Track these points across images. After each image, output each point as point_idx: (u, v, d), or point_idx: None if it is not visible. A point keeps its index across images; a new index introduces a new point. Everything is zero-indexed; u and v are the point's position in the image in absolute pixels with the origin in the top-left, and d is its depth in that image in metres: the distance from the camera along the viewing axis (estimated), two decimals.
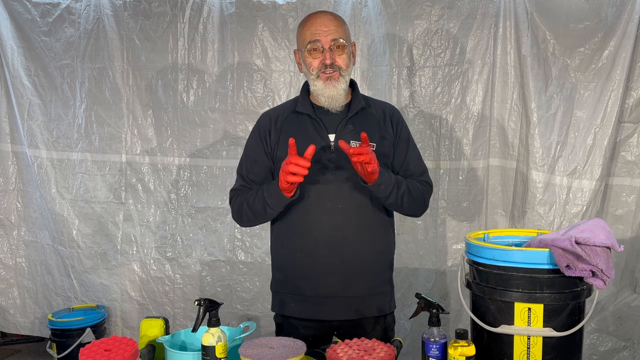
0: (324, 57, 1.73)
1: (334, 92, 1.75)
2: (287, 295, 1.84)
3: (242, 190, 1.86)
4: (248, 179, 1.87)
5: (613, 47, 2.57)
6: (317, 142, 1.76)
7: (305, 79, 1.87)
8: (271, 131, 1.84)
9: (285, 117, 1.85)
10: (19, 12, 3.11)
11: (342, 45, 1.75)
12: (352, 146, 1.65)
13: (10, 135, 3.25)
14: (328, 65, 1.73)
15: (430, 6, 2.80)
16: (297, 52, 1.86)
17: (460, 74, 2.81)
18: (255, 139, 1.88)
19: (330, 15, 1.78)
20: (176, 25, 3.02)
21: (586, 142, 2.64)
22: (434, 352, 1.42)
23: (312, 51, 1.74)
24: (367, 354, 1.38)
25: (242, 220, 1.88)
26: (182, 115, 3.06)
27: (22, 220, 3.30)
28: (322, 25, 1.74)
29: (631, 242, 2.69)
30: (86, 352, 1.41)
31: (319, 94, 1.77)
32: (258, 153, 1.85)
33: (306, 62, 1.77)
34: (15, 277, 3.31)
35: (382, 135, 1.84)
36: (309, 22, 1.78)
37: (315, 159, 1.71)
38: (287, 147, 1.67)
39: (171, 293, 3.12)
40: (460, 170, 2.85)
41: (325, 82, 1.74)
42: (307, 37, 1.75)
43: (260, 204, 1.75)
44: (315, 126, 1.80)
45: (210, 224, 3.08)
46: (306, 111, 1.82)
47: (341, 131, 1.80)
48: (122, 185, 3.14)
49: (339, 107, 1.80)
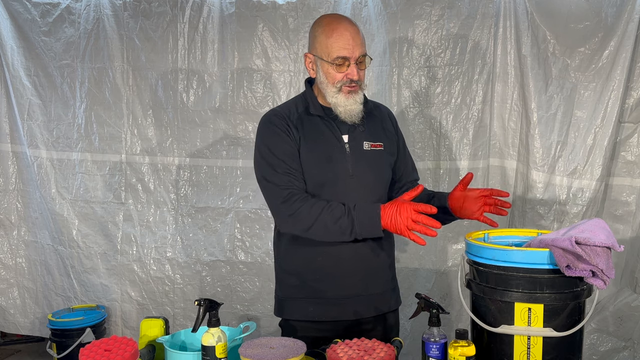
0: (351, 73, 1.72)
1: (355, 106, 1.75)
2: (304, 300, 1.81)
3: (304, 196, 1.70)
4: (291, 168, 1.72)
5: (613, 47, 2.57)
6: (334, 144, 1.77)
7: (307, 78, 1.88)
8: (291, 129, 1.76)
9: (298, 117, 1.81)
10: (19, 12, 3.12)
11: (365, 58, 1.75)
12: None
13: (10, 135, 3.26)
14: (353, 81, 1.73)
15: (430, 6, 2.80)
16: (310, 56, 1.80)
17: (460, 74, 2.81)
18: (278, 135, 1.75)
19: (355, 28, 1.75)
20: (176, 25, 3.02)
21: (586, 142, 2.64)
22: (434, 352, 1.42)
23: (339, 66, 1.72)
24: (367, 354, 1.38)
25: (308, 230, 1.68)
26: (182, 115, 3.06)
27: (22, 220, 3.30)
28: (351, 39, 1.71)
29: (631, 242, 2.69)
30: (86, 352, 1.41)
31: (339, 106, 1.75)
32: (288, 145, 1.74)
33: (328, 73, 1.74)
34: (15, 277, 3.31)
35: (387, 136, 1.89)
36: (337, 33, 1.72)
37: (332, 160, 1.74)
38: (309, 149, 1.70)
39: (171, 293, 3.12)
40: (460, 170, 2.85)
41: (347, 95, 1.74)
42: (334, 50, 1.71)
43: (347, 225, 1.63)
44: (329, 128, 1.80)
45: (210, 224, 3.08)
46: (318, 113, 1.81)
47: (353, 132, 1.80)
48: (122, 185, 3.14)
49: (356, 119, 1.78)
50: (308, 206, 1.66)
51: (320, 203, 1.67)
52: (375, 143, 1.83)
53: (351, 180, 1.76)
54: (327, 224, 1.64)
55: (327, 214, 1.64)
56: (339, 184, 1.75)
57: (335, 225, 1.64)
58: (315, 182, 1.74)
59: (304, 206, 1.67)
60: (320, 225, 1.65)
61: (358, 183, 1.77)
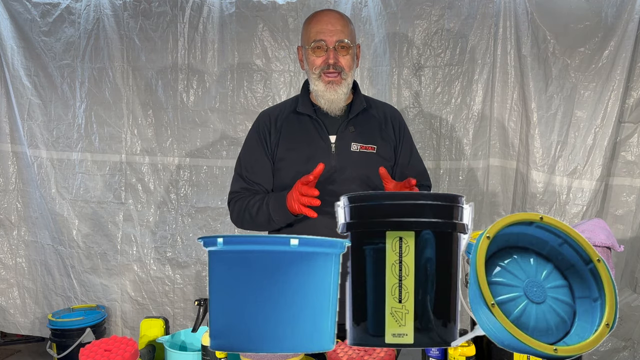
0: (328, 57, 1.73)
1: (334, 96, 1.75)
2: None
3: (241, 194, 1.82)
4: (248, 180, 1.83)
5: (613, 47, 2.57)
6: (318, 144, 1.76)
7: (306, 78, 1.87)
8: (271, 131, 1.82)
9: (285, 117, 1.83)
10: (19, 12, 3.11)
11: (347, 46, 1.74)
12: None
13: (10, 135, 3.25)
14: (331, 65, 1.72)
15: (430, 6, 2.80)
16: (300, 48, 1.84)
17: (460, 74, 2.81)
18: (254, 139, 1.85)
19: (337, 15, 1.78)
20: (176, 25, 3.02)
21: (586, 142, 2.64)
22: (434, 352, 1.42)
23: (316, 49, 1.73)
24: (367, 354, 1.38)
25: (242, 226, 1.85)
26: (182, 115, 3.06)
27: (22, 220, 3.30)
28: (328, 24, 1.74)
29: (631, 242, 2.69)
30: (86, 352, 1.41)
31: (319, 95, 1.77)
32: (258, 153, 1.82)
33: (309, 59, 1.76)
34: (15, 277, 3.31)
35: (383, 138, 1.84)
36: (316, 19, 1.77)
37: (312, 160, 1.71)
38: (288, 149, 1.66)
39: (171, 293, 3.12)
40: (460, 170, 2.85)
41: (326, 85, 1.74)
42: (312, 34, 1.75)
43: (265, 217, 1.72)
44: (316, 127, 1.79)
45: (210, 224, 3.08)
46: (307, 112, 1.80)
47: (342, 132, 1.79)
48: (122, 185, 3.14)
49: (338, 111, 1.79)
50: (238, 205, 1.79)
51: (244, 199, 1.78)
52: (365, 145, 1.79)
53: (333, 181, 1.74)
54: (252, 216, 1.75)
55: (248, 208, 1.75)
56: (319, 184, 1.68)
57: (257, 216, 1.73)
58: (293, 181, 1.68)
59: (235, 206, 1.81)
60: (247, 218, 1.77)
61: (341, 184, 1.72)
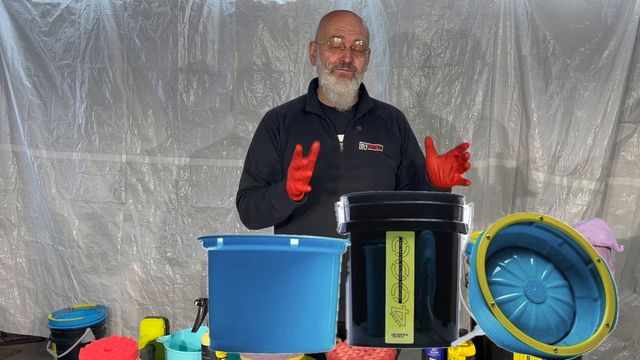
0: (344, 55, 1.74)
1: (345, 89, 1.75)
2: None
3: (250, 191, 1.82)
4: (258, 177, 1.82)
5: (613, 47, 2.57)
6: (327, 143, 1.76)
7: (311, 79, 1.88)
8: (280, 129, 1.82)
9: (293, 116, 1.83)
10: (19, 12, 3.12)
11: (363, 48, 1.76)
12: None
13: (10, 135, 3.25)
14: (346, 64, 1.74)
15: (430, 6, 2.80)
16: (313, 43, 1.85)
17: (460, 74, 2.81)
18: (263, 137, 1.84)
19: (357, 17, 1.80)
20: (176, 25, 3.02)
21: (586, 142, 2.64)
22: (434, 352, 1.42)
23: (333, 46, 1.74)
24: (367, 353, 1.38)
25: (249, 222, 1.81)
26: (182, 115, 3.06)
27: (22, 220, 3.30)
28: (348, 23, 1.75)
29: (631, 242, 2.69)
30: (86, 352, 1.41)
31: (330, 89, 1.77)
32: (268, 149, 1.82)
33: (324, 55, 1.77)
34: (15, 277, 3.30)
35: (389, 137, 1.86)
36: (337, 17, 1.78)
37: (325, 159, 1.71)
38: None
39: (171, 293, 3.12)
40: None
41: (338, 78, 1.75)
42: (331, 30, 1.75)
43: (267, 206, 1.70)
44: (324, 126, 1.80)
45: (210, 224, 3.08)
46: (315, 111, 1.81)
47: (350, 131, 1.80)
48: (122, 186, 3.14)
49: (346, 106, 1.80)
50: (245, 202, 1.78)
51: (251, 195, 1.77)
52: (373, 144, 1.81)
53: (342, 179, 1.75)
54: (257, 206, 1.72)
55: (254, 200, 1.74)
56: (327, 183, 1.73)
57: (261, 204, 1.71)
58: None
59: (243, 203, 1.79)
60: (252, 209, 1.74)
61: (349, 182, 1.74)
